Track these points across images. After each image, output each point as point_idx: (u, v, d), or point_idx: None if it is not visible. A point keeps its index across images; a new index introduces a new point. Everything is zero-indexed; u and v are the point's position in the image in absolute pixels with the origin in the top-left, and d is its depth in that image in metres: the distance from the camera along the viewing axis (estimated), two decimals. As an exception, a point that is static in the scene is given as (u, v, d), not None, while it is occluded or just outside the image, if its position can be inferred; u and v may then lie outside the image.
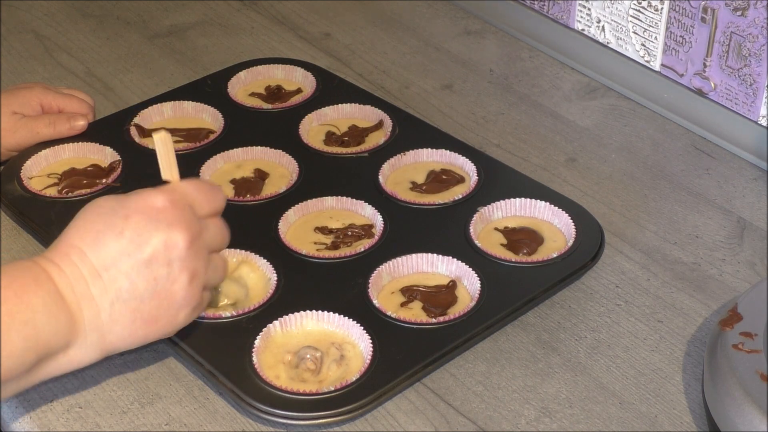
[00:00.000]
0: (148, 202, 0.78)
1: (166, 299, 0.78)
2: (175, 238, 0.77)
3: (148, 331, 0.79)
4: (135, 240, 0.77)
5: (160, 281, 0.77)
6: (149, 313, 0.78)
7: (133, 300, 0.77)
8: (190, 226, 0.79)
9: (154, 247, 0.77)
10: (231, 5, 1.42)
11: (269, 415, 0.82)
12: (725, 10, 1.09)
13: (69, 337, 0.76)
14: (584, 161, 1.12)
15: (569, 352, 0.90)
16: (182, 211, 0.79)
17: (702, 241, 1.02)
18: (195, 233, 0.79)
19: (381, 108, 1.15)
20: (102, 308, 0.76)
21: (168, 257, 0.77)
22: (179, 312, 0.79)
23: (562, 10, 1.28)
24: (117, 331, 0.77)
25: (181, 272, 0.78)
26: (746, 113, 1.11)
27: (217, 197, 0.82)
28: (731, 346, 0.80)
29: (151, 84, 1.25)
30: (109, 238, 0.77)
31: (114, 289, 0.76)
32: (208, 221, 0.81)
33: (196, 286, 0.80)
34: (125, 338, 0.78)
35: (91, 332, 0.77)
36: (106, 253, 0.76)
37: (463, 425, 0.83)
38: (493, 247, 0.97)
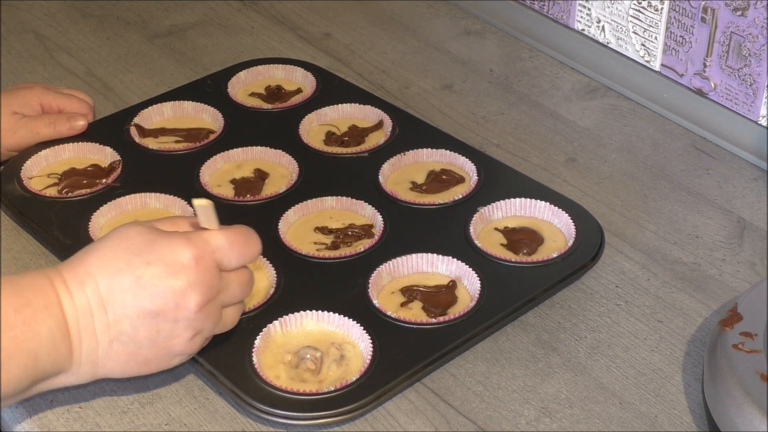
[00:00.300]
0: (175, 255, 0.77)
1: (163, 349, 0.79)
2: (188, 300, 0.77)
3: (140, 370, 0.80)
4: (149, 290, 0.76)
5: (162, 335, 0.78)
6: (144, 357, 0.78)
7: (131, 344, 0.77)
8: (209, 289, 0.78)
9: (165, 302, 0.76)
10: (231, 5, 1.42)
11: (269, 415, 0.82)
12: (725, 10, 1.09)
13: (64, 366, 0.77)
14: (584, 161, 1.12)
15: (569, 352, 0.90)
16: (205, 272, 0.77)
17: (702, 241, 1.02)
18: (211, 297, 0.78)
19: (381, 108, 1.15)
20: (100, 344, 0.77)
21: (176, 316, 0.77)
22: (173, 359, 0.80)
23: (562, 10, 1.28)
24: (110, 366, 0.78)
25: (185, 330, 0.78)
26: (746, 113, 1.11)
27: (251, 250, 0.81)
28: (731, 346, 0.80)
29: (151, 84, 1.25)
30: (125, 279, 0.76)
31: (116, 330, 0.77)
32: (231, 278, 0.80)
33: (197, 341, 0.80)
34: (116, 373, 0.79)
35: (85, 363, 0.77)
36: (117, 293, 0.76)
37: (463, 425, 0.83)
38: (493, 247, 0.97)
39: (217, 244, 0.79)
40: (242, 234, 0.80)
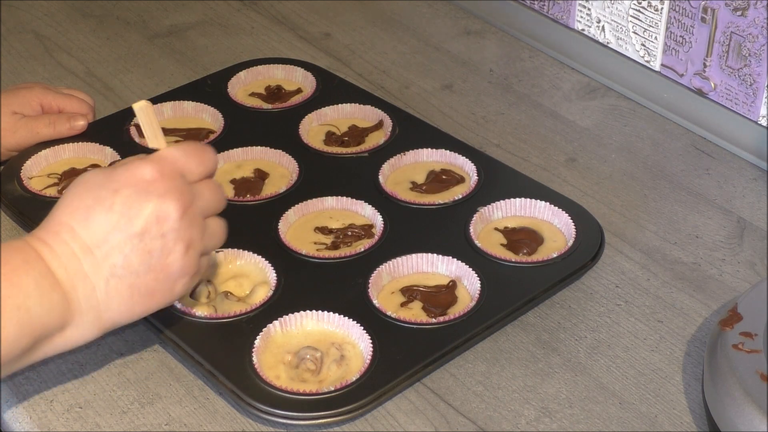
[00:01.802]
0: (137, 174, 0.76)
1: (162, 272, 0.77)
2: (167, 209, 0.76)
3: (146, 305, 0.78)
4: (126, 214, 0.75)
5: (155, 254, 0.76)
6: (146, 286, 0.76)
7: (128, 275, 0.75)
8: (182, 195, 0.77)
9: (145, 219, 0.75)
10: (231, 5, 1.42)
11: (269, 415, 0.82)
12: (725, 10, 1.09)
13: (64, 318, 0.74)
14: (584, 161, 1.12)
15: (569, 352, 0.90)
16: (172, 180, 0.77)
17: (702, 241, 1.02)
18: (187, 202, 0.77)
19: (381, 108, 1.15)
20: (97, 285, 0.75)
21: (161, 230, 0.76)
22: (176, 283, 0.78)
23: (562, 10, 1.28)
24: (114, 307, 0.76)
25: (176, 243, 0.76)
26: (746, 113, 1.11)
27: (208, 158, 0.80)
28: (731, 346, 0.80)
29: (151, 84, 1.25)
30: (99, 213, 0.75)
31: (108, 266, 0.75)
32: (201, 186, 0.79)
33: (193, 255, 0.78)
34: (123, 313, 0.77)
35: (87, 311, 0.75)
36: (97, 229, 0.75)
37: (463, 425, 0.83)
38: (493, 247, 0.97)
39: (172, 156, 0.78)
40: (194, 145, 0.80)
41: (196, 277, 0.80)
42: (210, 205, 0.80)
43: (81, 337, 0.76)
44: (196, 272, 0.79)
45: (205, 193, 0.79)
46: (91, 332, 0.77)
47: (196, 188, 0.79)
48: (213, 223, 0.81)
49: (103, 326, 0.77)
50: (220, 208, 0.81)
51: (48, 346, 0.75)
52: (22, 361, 0.74)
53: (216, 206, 0.81)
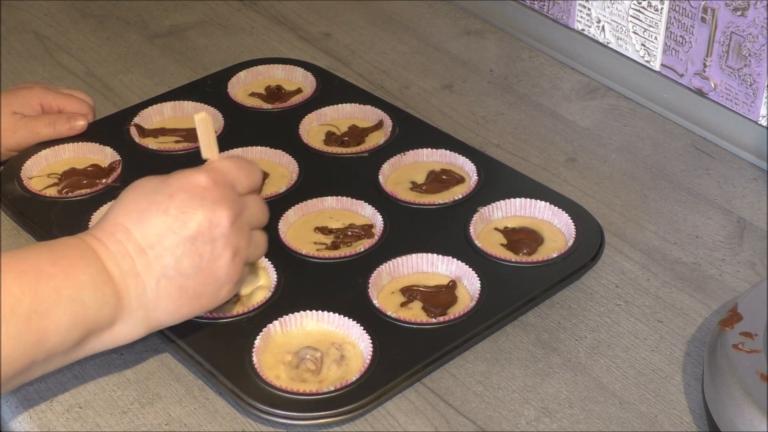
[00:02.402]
0: (192, 181, 0.79)
1: (210, 276, 0.79)
2: (219, 215, 0.79)
3: (192, 308, 0.80)
4: (180, 218, 0.78)
5: (205, 258, 0.79)
6: (194, 289, 0.79)
7: (178, 277, 0.78)
8: (233, 204, 0.80)
9: (198, 224, 0.78)
10: (231, 5, 1.42)
11: (269, 415, 0.82)
12: (725, 10, 1.09)
13: (115, 314, 0.77)
14: (584, 161, 1.12)
15: (569, 352, 0.90)
16: (224, 189, 0.80)
17: (702, 241, 1.02)
18: (237, 211, 0.80)
19: (381, 108, 1.15)
20: (148, 285, 0.78)
21: (212, 235, 0.78)
22: (222, 288, 0.81)
23: (562, 10, 1.28)
24: (163, 307, 0.79)
25: (225, 249, 0.79)
26: (746, 113, 1.11)
27: (255, 174, 0.84)
28: (731, 346, 0.80)
29: (151, 84, 1.25)
30: (153, 216, 0.78)
31: (160, 266, 0.78)
32: (248, 198, 0.83)
33: (239, 262, 0.81)
34: (170, 314, 0.80)
35: (137, 309, 0.78)
36: (151, 231, 0.77)
37: (463, 425, 0.83)
38: (493, 247, 0.97)
39: (225, 167, 0.82)
40: (244, 160, 0.84)
41: (239, 284, 0.83)
42: (256, 218, 0.84)
43: (128, 335, 0.79)
44: (240, 279, 0.82)
45: (252, 205, 0.83)
46: (139, 330, 0.79)
47: (243, 200, 0.82)
48: (257, 234, 0.84)
49: (150, 325, 0.79)
50: (264, 221, 0.85)
51: (96, 340, 0.77)
52: (70, 355, 0.76)
53: (261, 219, 0.85)
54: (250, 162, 0.84)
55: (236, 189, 0.82)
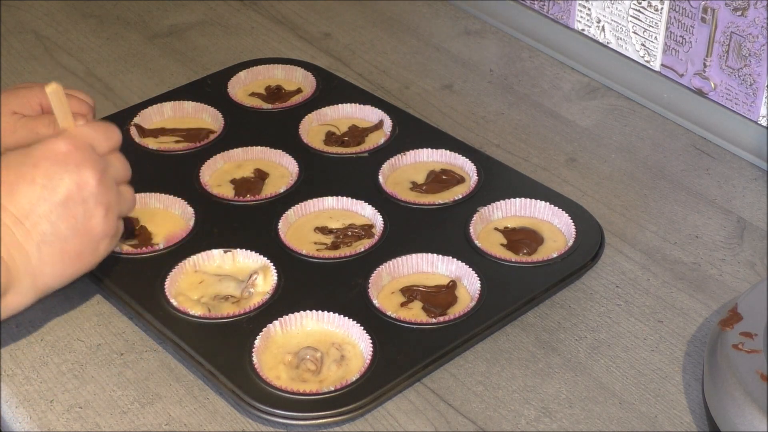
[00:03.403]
0: (53, 148, 0.83)
1: (87, 234, 0.83)
2: (85, 176, 0.82)
3: (75, 267, 0.84)
4: (47, 185, 0.81)
5: (79, 219, 0.82)
6: (74, 250, 0.83)
7: (57, 241, 0.82)
8: (96, 164, 0.83)
9: (67, 188, 0.82)
10: (231, 5, 1.42)
11: (269, 415, 0.82)
12: (725, 10, 1.09)
13: (6, 285, 0.80)
14: (584, 161, 1.12)
15: (569, 352, 0.90)
16: (85, 151, 0.83)
17: (702, 241, 1.02)
18: (102, 170, 0.84)
19: (381, 108, 1.15)
20: (30, 253, 0.81)
21: (82, 195, 0.82)
22: (100, 244, 0.85)
23: (562, 10, 1.28)
24: (48, 271, 0.82)
25: (96, 207, 0.83)
26: (746, 113, 1.11)
27: (114, 133, 0.87)
28: (731, 346, 0.80)
29: (151, 84, 1.25)
30: (22, 187, 0.81)
31: (38, 234, 0.81)
32: (110, 157, 0.86)
33: (112, 217, 0.85)
34: (56, 277, 0.83)
35: (24, 276, 0.81)
36: (23, 201, 0.81)
37: (463, 425, 0.83)
38: (493, 247, 0.97)
39: (82, 132, 0.85)
40: (99, 123, 0.88)
41: (115, 238, 0.87)
42: (120, 173, 0.87)
43: (20, 302, 0.82)
44: (116, 233, 0.87)
45: (114, 162, 0.87)
46: (29, 297, 0.83)
47: (106, 158, 0.86)
48: (125, 189, 0.88)
49: (39, 290, 0.83)
50: (128, 174, 0.89)
51: None
52: None
53: (125, 173, 0.88)
54: (106, 123, 0.88)
55: (97, 150, 0.85)
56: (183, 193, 1.03)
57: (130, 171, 0.89)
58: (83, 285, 0.96)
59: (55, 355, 0.90)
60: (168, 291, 0.92)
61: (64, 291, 0.95)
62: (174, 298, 0.91)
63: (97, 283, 0.95)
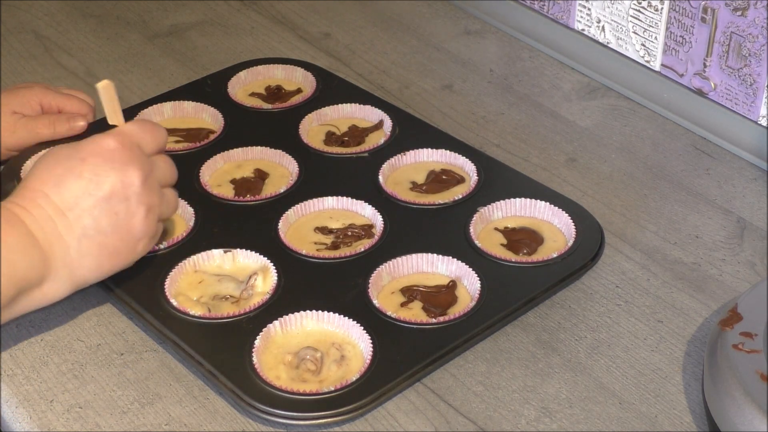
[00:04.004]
0: (102, 145, 0.85)
1: (127, 232, 0.85)
2: (130, 175, 0.84)
3: (113, 263, 0.86)
4: (93, 180, 0.83)
5: (121, 216, 0.84)
6: (113, 246, 0.85)
7: (97, 235, 0.84)
8: (142, 164, 0.85)
9: (111, 184, 0.84)
10: (231, 5, 1.42)
11: (269, 415, 0.82)
12: (725, 10, 1.09)
13: (43, 273, 0.82)
14: (584, 161, 1.12)
15: (569, 352, 0.90)
16: (132, 151, 0.85)
17: (702, 241, 1.02)
18: (147, 170, 0.86)
19: (381, 108, 1.15)
20: (70, 245, 0.83)
21: (125, 193, 0.84)
22: (138, 243, 0.87)
23: (562, 10, 1.28)
24: (86, 264, 0.84)
25: (138, 206, 0.85)
26: (746, 113, 1.11)
27: (161, 134, 0.89)
28: (731, 346, 0.80)
29: (151, 84, 1.25)
30: (69, 181, 0.83)
31: (80, 227, 0.83)
32: (156, 158, 0.88)
33: (152, 218, 0.87)
34: (93, 271, 0.85)
35: (62, 268, 0.83)
36: (68, 194, 0.83)
37: (463, 425, 0.83)
38: (493, 247, 0.97)
39: (131, 131, 0.87)
40: (148, 122, 0.90)
41: (154, 240, 0.89)
42: (165, 175, 0.89)
43: (57, 292, 0.84)
44: (155, 234, 0.88)
45: (160, 164, 0.89)
46: (65, 288, 0.85)
47: (152, 160, 0.88)
48: (168, 192, 0.90)
49: (76, 282, 0.85)
50: (174, 178, 0.91)
51: (27, 299, 0.83)
52: (4, 314, 0.82)
53: (170, 176, 0.90)
54: (154, 124, 0.90)
55: (144, 150, 0.87)
56: (183, 193, 1.03)
57: (176, 174, 0.91)
58: (83, 285, 0.96)
59: (55, 355, 0.90)
60: (168, 291, 0.92)
61: (64, 291, 0.96)
62: (174, 298, 0.91)
63: (97, 282, 0.95)
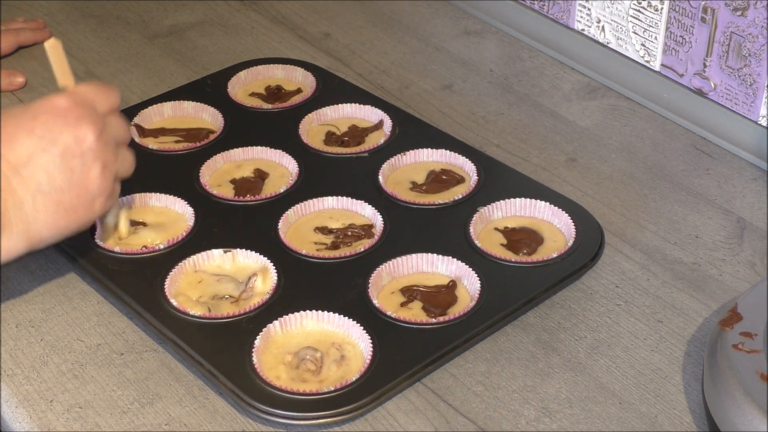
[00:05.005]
0: (53, 103, 0.84)
1: (83, 189, 0.84)
2: (84, 131, 0.84)
3: (69, 221, 0.85)
4: (46, 136, 0.83)
5: (76, 172, 0.84)
6: (69, 202, 0.84)
7: (53, 192, 0.83)
8: (95, 120, 0.85)
9: (65, 141, 0.83)
10: (231, 5, 1.42)
11: (269, 415, 0.82)
12: (725, 10, 1.09)
13: None
14: (584, 161, 1.12)
15: (569, 352, 0.90)
16: (85, 108, 0.85)
17: (702, 241, 1.02)
18: (100, 127, 0.85)
19: (381, 108, 1.15)
20: (24, 200, 0.82)
21: (80, 149, 0.83)
22: (95, 201, 0.86)
23: (562, 10, 1.28)
24: (41, 221, 0.83)
25: (94, 163, 0.84)
26: (746, 113, 1.11)
27: (113, 94, 0.89)
28: (731, 346, 0.80)
29: (151, 84, 1.25)
30: (21, 137, 0.82)
31: (34, 183, 0.82)
32: (110, 117, 0.88)
33: (108, 175, 0.86)
34: (49, 227, 0.84)
35: (17, 223, 0.82)
36: (21, 151, 0.82)
37: (463, 425, 0.83)
38: (493, 247, 0.97)
39: (82, 90, 0.87)
40: (100, 83, 0.89)
41: (111, 199, 0.88)
42: (120, 134, 0.89)
43: (12, 248, 0.83)
44: (111, 193, 0.88)
45: (113, 123, 0.88)
46: (21, 244, 0.84)
47: (105, 118, 0.87)
48: (124, 151, 0.90)
49: (32, 239, 0.84)
50: (127, 137, 0.90)
51: None
52: None
53: (124, 135, 0.90)
54: (106, 84, 0.89)
55: (96, 109, 0.86)
56: (183, 193, 1.03)
57: (129, 134, 0.91)
58: (83, 285, 0.96)
59: (55, 355, 0.90)
60: (168, 291, 0.92)
61: (64, 291, 0.96)
62: (174, 298, 0.91)
63: (97, 283, 0.95)
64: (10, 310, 0.94)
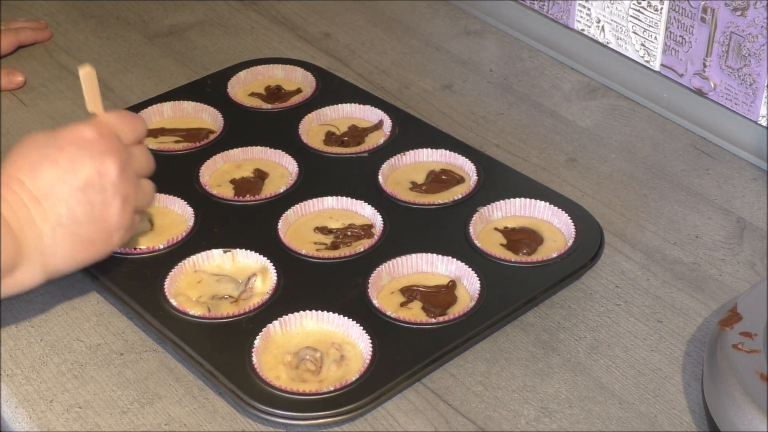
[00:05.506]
0: (79, 134, 0.83)
1: (102, 223, 0.84)
2: (107, 165, 0.83)
3: (87, 254, 0.84)
4: (70, 168, 0.82)
5: (96, 206, 0.83)
6: (87, 236, 0.83)
7: (72, 224, 0.82)
8: (120, 154, 0.84)
9: (88, 174, 0.82)
10: (231, 5, 1.42)
11: (269, 415, 0.82)
12: (725, 10, 1.09)
13: (15, 259, 0.80)
14: (584, 161, 1.12)
15: (569, 352, 0.90)
16: (110, 140, 0.84)
17: (702, 241, 1.02)
18: (124, 161, 0.84)
19: (381, 108, 1.15)
20: (44, 232, 0.82)
21: (102, 183, 0.83)
22: (114, 234, 0.85)
23: (562, 10, 1.28)
24: (59, 253, 0.83)
25: (114, 197, 0.84)
26: (746, 113, 1.11)
27: (139, 125, 0.88)
28: (731, 346, 0.80)
29: (151, 84, 1.25)
30: (45, 168, 0.82)
31: (54, 215, 0.82)
32: (134, 149, 0.87)
33: (128, 209, 0.85)
34: (67, 260, 0.84)
35: (35, 255, 0.82)
36: (44, 182, 0.81)
37: (463, 425, 0.83)
38: (493, 247, 0.97)
39: (109, 120, 0.86)
40: (127, 113, 0.89)
41: (130, 231, 0.87)
42: (142, 166, 0.88)
43: (29, 281, 0.83)
44: (130, 226, 0.87)
45: (138, 155, 0.87)
46: (38, 276, 0.83)
47: (130, 150, 0.86)
48: (145, 183, 0.89)
49: (48, 272, 0.83)
50: (151, 169, 0.90)
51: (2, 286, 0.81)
52: None
53: (147, 167, 0.89)
54: (133, 114, 0.89)
55: (122, 140, 0.85)
56: (183, 193, 1.03)
57: (154, 165, 0.90)
58: (83, 285, 0.96)
59: (55, 355, 0.90)
60: (168, 291, 0.92)
61: (64, 291, 0.96)
62: (174, 298, 0.91)
63: (96, 282, 0.95)
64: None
